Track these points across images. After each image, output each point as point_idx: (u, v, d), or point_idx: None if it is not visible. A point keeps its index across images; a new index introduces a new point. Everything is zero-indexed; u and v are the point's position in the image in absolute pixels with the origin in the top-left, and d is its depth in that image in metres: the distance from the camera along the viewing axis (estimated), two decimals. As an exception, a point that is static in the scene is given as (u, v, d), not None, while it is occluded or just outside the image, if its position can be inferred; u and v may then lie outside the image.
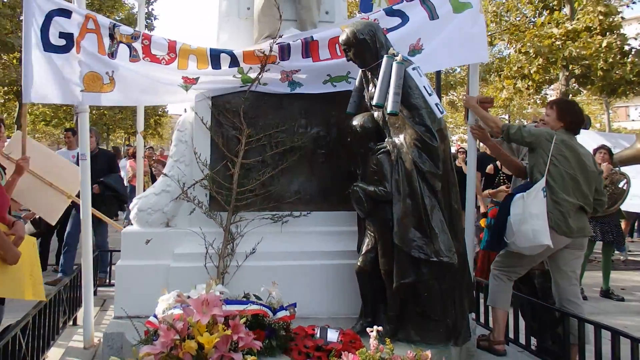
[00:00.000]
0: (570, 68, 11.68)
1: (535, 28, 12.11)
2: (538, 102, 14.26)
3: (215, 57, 4.25)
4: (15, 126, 17.73)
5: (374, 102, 3.71)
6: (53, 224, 5.97)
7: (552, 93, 14.70)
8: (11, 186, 4.13)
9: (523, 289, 4.95)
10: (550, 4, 12.56)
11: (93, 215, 4.89)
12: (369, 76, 3.96)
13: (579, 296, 4.32)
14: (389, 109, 3.56)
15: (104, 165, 6.96)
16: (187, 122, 4.52)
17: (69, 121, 23.19)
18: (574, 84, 12.84)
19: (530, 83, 12.35)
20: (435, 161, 3.55)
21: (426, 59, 4.40)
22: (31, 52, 4.07)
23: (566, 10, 12.07)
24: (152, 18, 19.94)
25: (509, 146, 5.07)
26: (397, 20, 4.43)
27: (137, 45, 4.22)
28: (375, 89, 3.74)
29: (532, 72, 11.80)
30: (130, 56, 4.23)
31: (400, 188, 3.58)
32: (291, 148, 4.46)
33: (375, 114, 3.89)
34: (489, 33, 13.33)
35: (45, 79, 4.12)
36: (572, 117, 4.27)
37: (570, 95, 12.62)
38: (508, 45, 13.18)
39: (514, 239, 4.04)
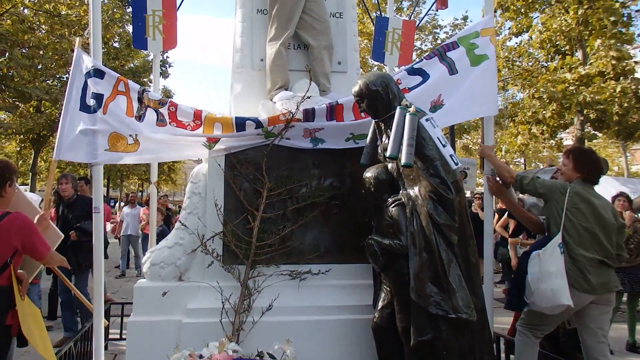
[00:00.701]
0: (585, 113, 11.64)
1: (548, 73, 12.13)
2: (554, 146, 14.18)
3: (240, 124, 4.27)
4: (31, 174, 17.99)
5: (387, 153, 3.66)
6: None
7: (567, 136, 14.61)
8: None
9: (547, 346, 4.78)
10: (562, 49, 12.63)
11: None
12: (382, 127, 3.94)
13: (608, 355, 4.12)
14: (403, 160, 3.51)
15: (82, 211, 6.85)
16: (201, 173, 4.51)
17: (83, 168, 23.52)
18: (590, 129, 12.78)
19: (545, 128, 12.30)
20: (451, 213, 3.48)
21: (445, 113, 4.41)
22: (68, 111, 4.14)
23: (578, 54, 12.10)
24: (167, 65, 20.33)
25: None
26: (418, 79, 4.46)
27: (164, 110, 4.26)
28: (388, 140, 3.70)
29: (546, 117, 11.77)
30: (157, 120, 4.26)
31: (416, 241, 3.50)
32: (312, 204, 4.39)
33: (389, 165, 3.86)
34: (502, 78, 13.38)
35: (75, 138, 4.14)
36: (589, 168, 4.18)
37: (586, 140, 12.58)
38: (521, 90, 13.20)
39: (533, 298, 3.92)
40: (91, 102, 4.17)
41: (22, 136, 16.31)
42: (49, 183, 4.58)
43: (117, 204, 35.09)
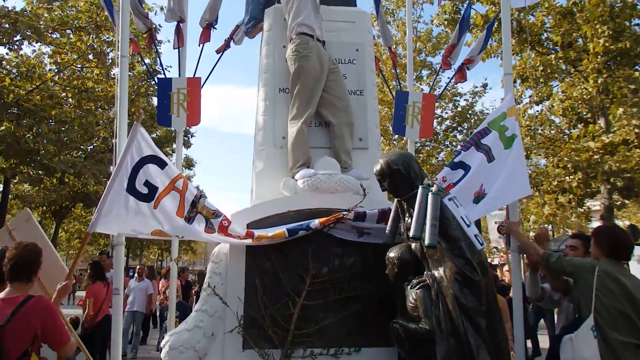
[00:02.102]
0: (611, 181, 11.50)
1: (571, 141, 12.09)
2: (582, 215, 13.95)
3: (293, 232, 4.21)
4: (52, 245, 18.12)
5: (410, 234, 3.61)
6: None
7: (595, 204, 14.37)
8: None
9: None
10: (584, 117, 12.61)
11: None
12: (405, 206, 3.90)
13: None
14: (426, 241, 3.45)
15: None
16: (222, 253, 4.47)
17: (103, 239, 23.62)
18: (618, 197, 12.58)
19: (571, 197, 12.15)
20: (478, 296, 3.38)
21: (487, 202, 4.41)
22: (113, 186, 4.01)
23: (601, 122, 12.07)
24: (190, 135, 20.68)
25: None
26: (460, 172, 4.53)
27: (216, 222, 4.17)
28: (411, 219, 3.65)
29: (572, 186, 11.64)
30: (206, 227, 4.18)
31: (442, 325, 3.39)
32: (355, 296, 4.27)
33: (413, 245, 3.79)
34: (525, 147, 13.36)
35: (116, 217, 4.04)
36: (614, 246, 4.01)
37: (615, 208, 12.35)
38: (545, 159, 13.14)
39: (568, 385, 3.72)
40: (143, 189, 4.07)
41: (44, 207, 16.59)
42: (78, 256, 4.51)
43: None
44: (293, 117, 4.92)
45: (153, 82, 15.06)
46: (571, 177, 11.67)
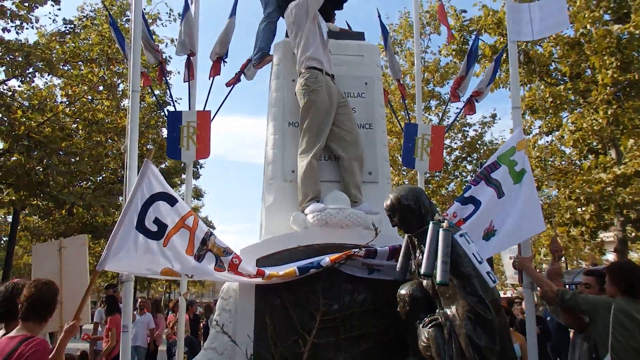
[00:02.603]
0: (624, 213, 11.37)
1: (582, 173, 12.01)
2: (595, 248, 13.78)
3: (303, 270, 4.16)
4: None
5: (422, 271, 3.55)
6: None
7: (608, 235, 14.18)
8: (62, 350, 3.90)
9: None
10: (595, 148, 12.54)
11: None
12: (416, 242, 3.86)
13: None
14: (438, 278, 3.39)
15: None
16: (231, 289, 4.42)
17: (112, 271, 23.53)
18: (631, 229, 12.43)
19: (584, 229, 12.02)
20: (491, 335, 3.31)
21: (499, 240, 4.37)
22: (123, 223, 3.95)
23: (612, 153, 12.00)
24: (199, 166, 20.73)
25: None
26: (471, 208, 4.51)
27: (226, 260, 4.12)
28: (422, 256, 3.61)
29: (585, 219, 11.52)
30: (216, 264, 4.12)
31: (455, 365, 3.31)
32: (366, 334, 4.18)
33: (424, 282, 3.73)
34: (535, 178, 13.28)
35: (125, 255, 3.96)
36: (630, 283, 3.93)
37: (629, 241, 12.19)
38: (557, 191, 13.03)
39: None
40: (152, 227, 4.01)
41: (53, 239, 16.59)
42: (87, 295, 4.44)
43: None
44: (302, 151, 4.92)
45: (163, 114, 15.17)
46: (583, 209, 11.55)
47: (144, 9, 10.03)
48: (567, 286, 5.44)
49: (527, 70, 12.51)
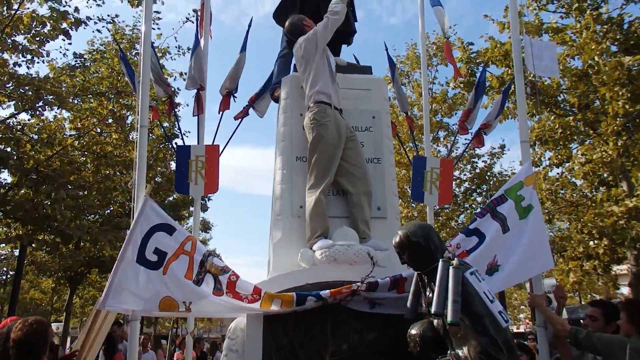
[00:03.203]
0: (638, 247, 11.20)
1: (593, 206, 11.87)
2: (608, 282, 13.56)
3: (301, 301, 4.12)
4: (65, 313, 18.02)
5: (432, 310, 3.47)
6: None
7: (622, 268, 13.94)
8: None
9: None
10: (606, 180, 12.42)
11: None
12: (425, 280, 3.78)
13: None
14: (449, 318, 3.31)
15: None
16: (239, 329, 4.33)
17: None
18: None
19: (597, 263, 11.83)
20: (504, 378, 3.20)
21: (503, 276, 4.31)
22: (123, 259, 4.02)
23: (624, 186, 11.87)
24: (207, 199, 20.71)
25: None
26: (475, 240, 4.45)
27: (224, 279, 4.15)
28: (432, 294, 3.53)
29: (599, 253, 11.35)
30: (214, 288, 4.15)
31: (468, 409, 3.21)
32: None
33: (435, 321, 3.64)
34: (546, 211, 13.13)
35: (126, 291, 4.02)
36: None
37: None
38: (568, 224, 12.89)
39: None
40: (152, 257, 4.08)
41: (59, 273, 16.59)
42: (90, 332, 4.39)
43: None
44: (311, 186, 4.88)
45: (171, 146, 15.26)
46: (596, 242, 11.39)
47: (153, 43, 10.19)
48: (581, 321, 5.31)
49: (535, 102, 12.48)
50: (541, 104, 12.30)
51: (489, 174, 17.97)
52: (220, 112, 6.57)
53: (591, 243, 11.45)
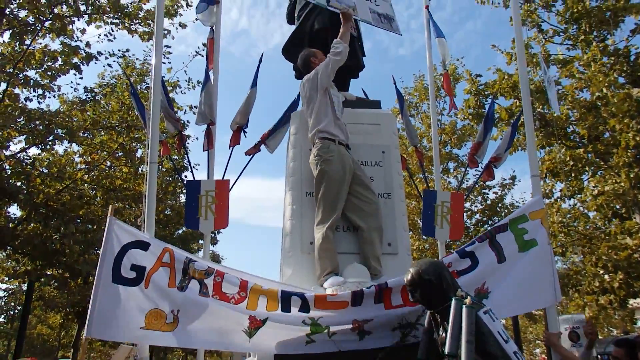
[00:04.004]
0: (655, 280, 11.03)
1: (607, 238, 11.72)
2: (625, 317, 13.31)
3: (286, 299, 4.11)
4: (73, 349, 17.84)
5: (446, 351, 3.39)
6: None
7: (639, 302, 13.68)
8: None
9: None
10: (619, 212, 12.29)
11: None
12: (438, 319, 3.70)
13: None
14: (463, 359, 3.23)
15: None
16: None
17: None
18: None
19: (612, 297, 11.63)
20: (521, 422, 3.11)
21: (494, 307, 4.21)
22: (100, 284, 4.00)
23: (636, 218, 11.73)
24: (216, 232, 20.66)
25: None
26: (467, 263, 4.39)
27: (209, 281, 4.15)
28: (445, 334, 3.45)
29: (614, 287, 11.16)
30: (200, 292, 4.13)
31: None
32: None
33: (449, 362, 3.55)
34: (559, 244, 12.97)
35: (108, 313, 3.99)
36: None
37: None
38: (582, 258, 12.71)
39: None
40: (130, 274, 4.07)
41: (67, 309, 16.51)
42: None
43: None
44: (318, 222, 4.85)
45: (180, 178, 15.27)
46: (611, 276, 11.21)
47: (164, 77, 10.31)
48: (598, 357, 5.21)
49: (544, 133, 12.46)
50: (551, 135, 12.27)
51: (500, 205, 17.83)
52: (231, 147, 6.59)
53: (606, 277, 11.27)
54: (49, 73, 12.50)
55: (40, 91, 12.33)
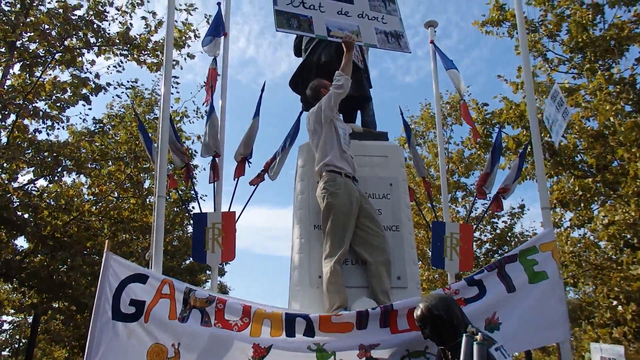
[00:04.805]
0: (667, 312, 10.84)
1: (619, 269, 11.55)
2: (640, 349, 13.08)
3: (290, 322, 4.05)
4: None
5: (457, 388, 3.32)
6: None
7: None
8: None
9: None
10: (631, 242, 12.14)
11: None
12: (449, 355, 3.63)
13: None
14: (476, 396, 3.16)
15: None
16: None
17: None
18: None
19: (626, 329, 11.41)
20: None
21: (504, 338, 4.14)
22: (98, 321, 3.95)
23: (648, 249, 11.59)
24: (224, 263, 20.59)
25: None
26: (475, 291, 4.32)
27: (211, 309, 4.10)
28: (457, 374, 3.39)
29: (627, 319, 10.96)
30: (202, 321, 4.07)
31: None
32: None
33: (460, 401, 3.47)
34: (571, 274, 12.81)
35: (108, 354, 3.91)
36: None
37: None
38: (593, 289, 12.53)
39: None
40: (129, 309, 4.01)
41: (73, 342, 16.35)
42: None
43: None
44: (326, 255, 4.81)
45: (186, 209, 15.24)
46: (624, 307, 11.02)
47: (172, 107, 10.38)
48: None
49: (552, 163, 12.39)
50: (559, 164, 12.21)
51: (510, 234, 17.67)
52: (236, 179, 6.57)
53: (619, 308, 11.08)
54: (58, 104, 12.59)
55: (49, 122, 12.41)
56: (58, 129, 12.72)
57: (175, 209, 15.78)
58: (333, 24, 5.75)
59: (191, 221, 6.54)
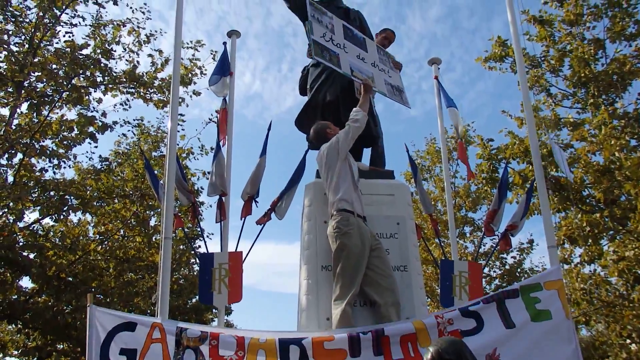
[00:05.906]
0: (681, 351, 10.63)
1: (631, 305, 11.37)
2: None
3: (284, 351, 4.00)
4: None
5: None
6: None
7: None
8: None
9: None
10: (642, 277, 12.00)
11: None
12: (461, 401, 3.54)
13: None
14: None
15: None
16: None
17: None
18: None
19: (642, 369, 11.21)
20: None
21: None
22: None
23: (659, 283, 11.43)
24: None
25: None
26: (472, 323, 4.25)
27: (205, 348, 4.05)
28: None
29: (640, 358, 10.77)
30: None
31: None
32: None
33: None
34: (582, 311, 12.60)
35: None
36: None
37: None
38: (605, 327, 12.33)
39: None
40: (121, 359, 3.97)
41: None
42: None
43: None
44: (336, 297, 4.72)
45: (192, 247, 15.15)
46: (638, 346, 10.81)
47: (178, 144, 10.37)
48: None
49: (559, 198, 12.30)
50: (566, 199, 12.12)
51: (519, 270, 17.47)
52: (242, 218, 6.54)
53: (633, 346, 10.86)
54: (65, 142, 12.67)
55: (55, 161, 12.46)
56: (64, 167, 12.77)
57: (182, 247, 15.69)
58: (355, 66, 5.90)
59: (197, 260, 6.47)
